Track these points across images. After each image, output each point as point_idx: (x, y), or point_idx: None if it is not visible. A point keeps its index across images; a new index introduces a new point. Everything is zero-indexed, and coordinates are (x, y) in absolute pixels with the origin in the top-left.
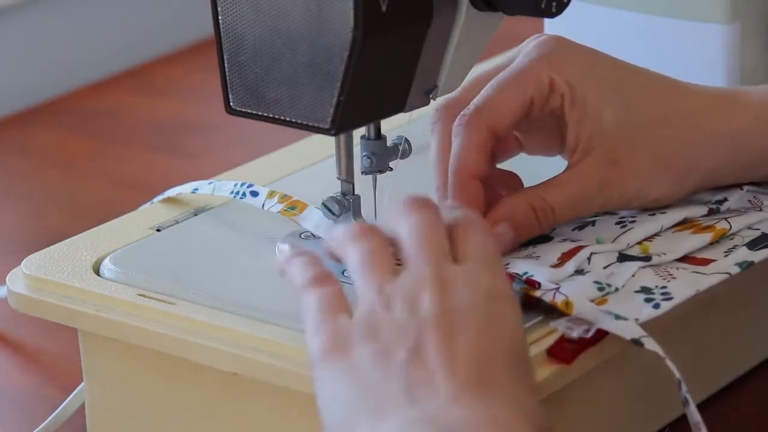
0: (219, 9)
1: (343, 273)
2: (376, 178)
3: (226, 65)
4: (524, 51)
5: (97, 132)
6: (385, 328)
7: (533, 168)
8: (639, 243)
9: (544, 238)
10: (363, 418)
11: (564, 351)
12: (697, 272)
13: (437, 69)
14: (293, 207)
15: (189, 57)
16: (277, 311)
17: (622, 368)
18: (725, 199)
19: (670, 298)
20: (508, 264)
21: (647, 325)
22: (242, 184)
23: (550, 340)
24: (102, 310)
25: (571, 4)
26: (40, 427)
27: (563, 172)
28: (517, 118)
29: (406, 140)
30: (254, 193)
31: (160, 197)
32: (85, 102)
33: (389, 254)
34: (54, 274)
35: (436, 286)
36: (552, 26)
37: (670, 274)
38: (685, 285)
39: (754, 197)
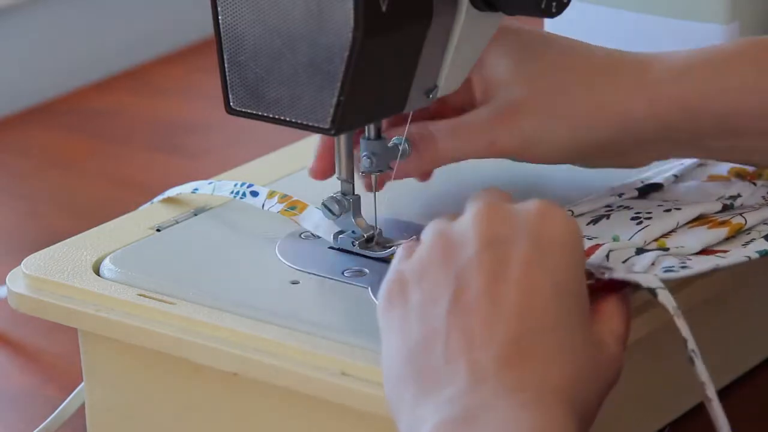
0: (219, 9)
1: (343, 273)
2: (375, 180)
3: (226, 65)
4: None
5: (97, 132)
6: (431, 272)
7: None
8: (656, 240)
9: None
10: (409, 387)
11: None
12: (717, 256)
13: (437, 69)
14: (293, 207)
15: (189, 57)
16: (277, 311)
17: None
18: (739, 195)
19: (689, 268)
20: None
21: (645, 325)
22: (242, 184)
23: None
24: (102, 310)
25: (571, 4)
26: (40, 427)
27: None
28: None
29: (407, 140)
30: (254, 193)
31: (160, 197)
32: (85, 102)
33: None
34: (54, 274)
35: (484, 215)
36: (552, 26)
37: (689, 259)
38: (705, 261)
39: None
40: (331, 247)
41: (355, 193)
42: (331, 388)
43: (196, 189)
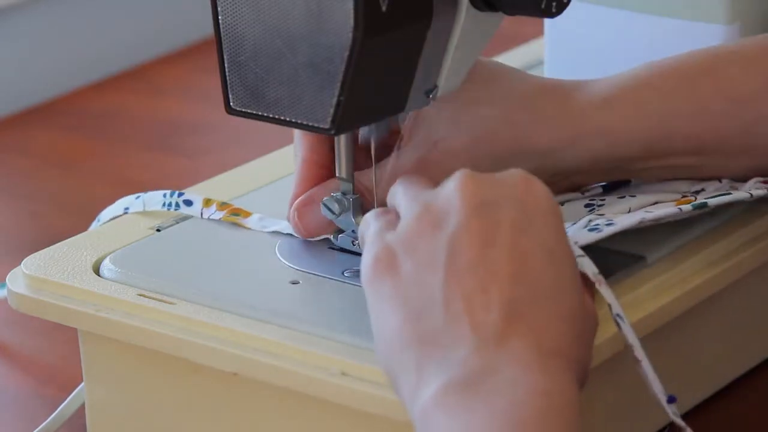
0: (219, 9)
1: (343, 273)
2: (374, 146)
3: (226, 65)
4: None
5: (97, 132)
6: (421, 241)
7: None
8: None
9: None
10: (410, 353)
11: None
12: (644, 210)
13: (437, 69)
14: (236, 213)
15: (189, 57)
16: (277, 311)
17: (621, 368)
18: (703, 189)
19: (613, 224)
20: None
21: (644, 326)
22: (173, 194)
23: None
24: (102, 310)
25: (571, 4)
26: (40, 427)
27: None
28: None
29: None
30: (188, 202)
31: (95, 223)
32: (85, 102)
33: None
34: (54, 274)
35: (469, 182)
36: (552, 26)
37: (616, 216)
38: (630, 217)
39: (731, 186)
40: (331, 247)
41: (355, 192)
42: (331, 388)
43: (127, 208)
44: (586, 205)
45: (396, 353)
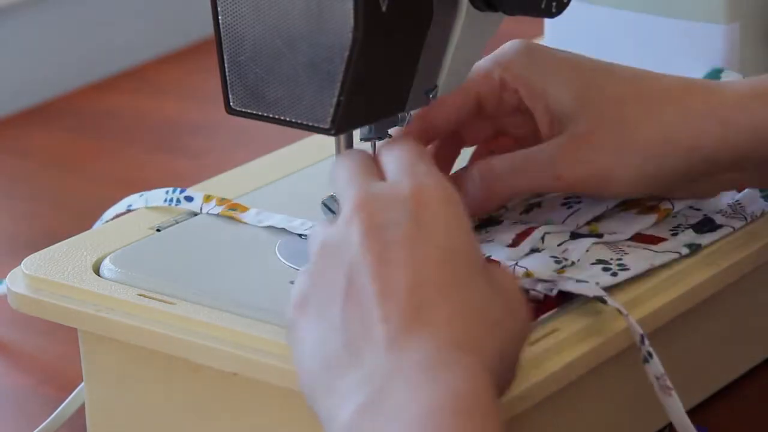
0: (219, 9)
1: None
2: (375, 145)
3: (226, 65)
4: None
5: (97, 132)
6: (322, 279)
7: None
8: (588, 224)
9: (495, 222)
10: (321, 380)
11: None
12: (648, 249)
13: (437, 69)
14: (233, 209)
15: (189, 57)
16: (277, 311)
17: (621, 368)
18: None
19: (627, 269)
20: None
21: (645, 324)
22: (174, 191)
23: None
24: (102, 310)
25: (571, 4)
26: (40, 427)
27: None
28: (459, 113)
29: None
30: (189, 198)
31: (99, 222)
32: (85, 102)
33: None
34: (54, 274)
35: (360, 208)
36: (552, 26)
37: (623, 251)
38: (640, 259)
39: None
40: None
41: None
42: None
43: (130, 205)
44: (563, 204)
45: (309, 384)
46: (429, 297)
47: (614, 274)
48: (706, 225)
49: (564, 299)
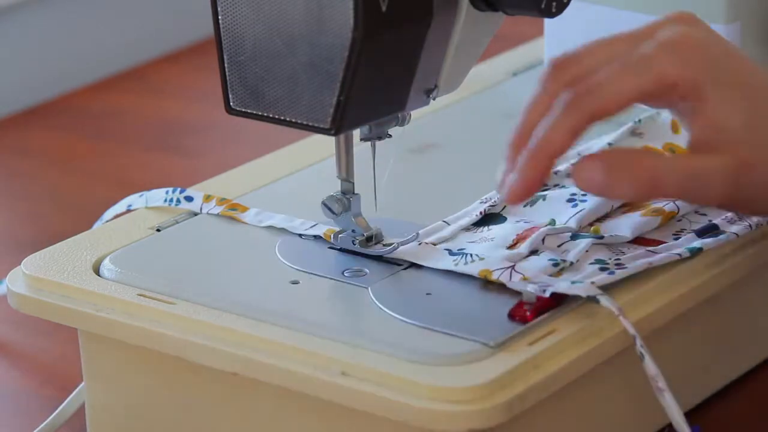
0: (219, 9)
1: (343, 273)
2: (374, 145)
3: (226, 65)
4: (660, 27)
5: (97, 132)
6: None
7: None
8: (590, 224)
9: (499, 219)
10: None
11: (522, 312)
12: (649, 251)
13: (437, 69)
14: (234, 209)
15: (189, 57)
16: (277, 311)
17: (622, 368)
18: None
19: (625, 268)
20: (463, 248)
21: (645, 324)
22: (174, 191)
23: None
24: (102, 310)
25: (571, 4)
26: (40, 427)
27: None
28: (625, 108)
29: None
30: (189, 198)
31: (99, 222)
32: (85, 102)
33: None
34: (54, 274)
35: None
36: (552, 26)
37: (622, 251)
38: (639, 258)
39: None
40: (331, 247)
41: (355, 192)
42: (331, 388)
43: (130, 205)
44: (569, 200)
45: None
46: None
47: (611, 273)
48: (710, 230)
49: (564, 300)
